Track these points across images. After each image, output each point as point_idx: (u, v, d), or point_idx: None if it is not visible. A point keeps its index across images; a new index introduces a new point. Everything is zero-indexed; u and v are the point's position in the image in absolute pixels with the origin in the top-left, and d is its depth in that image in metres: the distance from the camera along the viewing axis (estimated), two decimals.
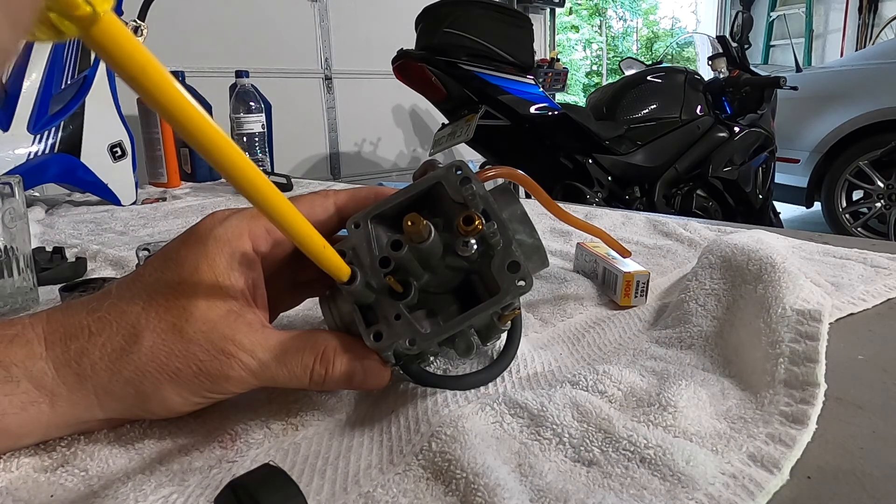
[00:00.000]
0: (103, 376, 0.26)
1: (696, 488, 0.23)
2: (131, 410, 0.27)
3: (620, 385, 0.30)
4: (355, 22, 2.93)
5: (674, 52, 5.29)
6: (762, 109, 2.53)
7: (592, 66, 9.06)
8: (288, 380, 0.28)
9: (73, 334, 0.26)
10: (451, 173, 0.29)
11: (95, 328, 0.26)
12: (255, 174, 0.20)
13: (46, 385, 0.25)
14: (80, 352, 0.26)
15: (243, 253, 0.28)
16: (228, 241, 0.28)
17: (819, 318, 0.31)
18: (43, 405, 0.25)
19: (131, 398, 0.26)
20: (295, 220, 0.23)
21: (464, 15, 1.99)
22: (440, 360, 0.34)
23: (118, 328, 0.26)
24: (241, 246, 0.28)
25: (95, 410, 0.26)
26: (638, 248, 0.61)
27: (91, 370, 0.26)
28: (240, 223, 0.28)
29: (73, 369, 0.26)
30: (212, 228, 0.28)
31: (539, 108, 2.10)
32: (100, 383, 0.26)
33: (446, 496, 0.23)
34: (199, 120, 0.17)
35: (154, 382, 0.26)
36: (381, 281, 0.28)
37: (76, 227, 0.79)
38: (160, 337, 0.26)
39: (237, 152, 0.19)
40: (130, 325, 0.26)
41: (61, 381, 0.26)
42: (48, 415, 0.26)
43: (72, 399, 0.26)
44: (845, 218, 3.32)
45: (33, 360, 0.25)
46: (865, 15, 6.01)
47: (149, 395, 0.26)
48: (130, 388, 0.26)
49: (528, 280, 0.28)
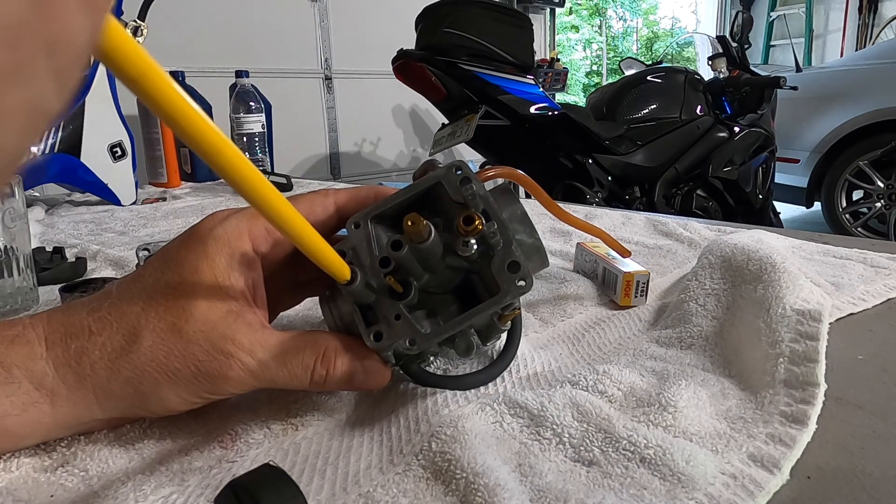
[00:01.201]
0: (103, 376, 0.26)
1: (696, 488, 0.23)
2: (130, 410, 0.27)
3: (620, 385, 0.30)
4: (355, 22, 2.93)
5: (674, 52, 5.29)
6: (762, 109, 2.53)
7: (592, 66, 9.06)
8: (288, 380, 0.28)
9: (74, 334, 0.26)
10: (451, 173, 0.29)
11: (96, 328, 0.26)
12: (253, 174, 0.20)
13: (47, 385, 0.25)
14: (81, 351, 0.26)
15: (243, 253, 0.28)
16: (228, 241, 0.28)
17: (819, 318, 0.31)
18: (44, 406, 0.25)
19: (130, 398, 0.26)
20: (295, 220, 0.23)
21: (464, 15, 1.99)
22: (440, 360, 0.34)
23: (118, 328, 0.26)
24: (241, 246, 0.28)
25: (95, 410, 0.26)
26: (638, 248, 0.61)
27: (91, 370, 0.26)
28: (239, 223, 0.28)
29: (74, 369, 0.26)
30: (211, 229, 0.28)
31: (539, 108, 2.10)
32: (99, 383, 0.26)
33: (446, 496, 0.23)
34: (195, 118, 0.17)
35: (153, 382, 0.26)
36: (381, 281, 0.28)
37: (76, 227, 0.79)
38: (160, 337, 0.26)
39: (235, 151, 0.19)
40: (130, 325, 0.26)
41: (61, 381, 0.26)
42: (49, 415, 0.26)
43: (72, 399, 0.26)
44: (845, 218, 3.32)
45: (34, 360, 0.25)
46: (865, 15, 6.01)
47: (147, 395, 0.26)
48: (129, 388, 0.26)
49: (528, 280, 0.28)
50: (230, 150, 0.18)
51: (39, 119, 0.11)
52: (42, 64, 0.11)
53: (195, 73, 1.99)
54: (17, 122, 0.11)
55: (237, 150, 0.19)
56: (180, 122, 0.17)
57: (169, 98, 0.16)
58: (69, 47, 0.11)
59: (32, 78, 0.11)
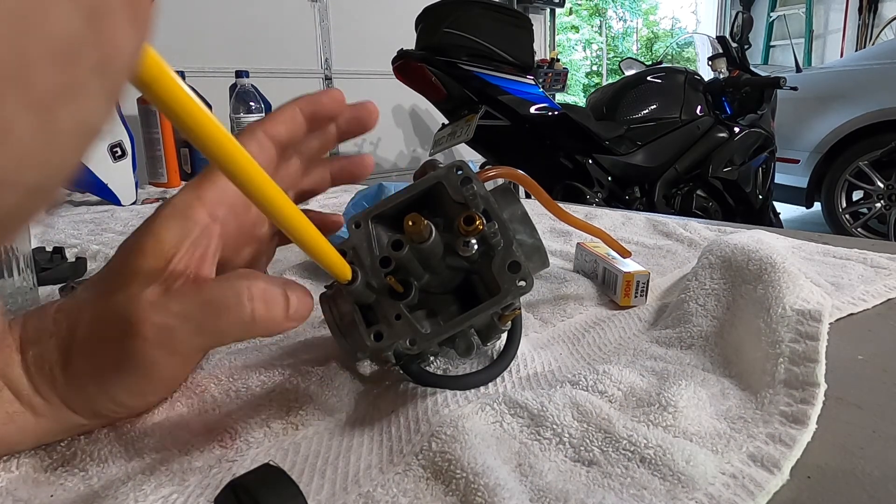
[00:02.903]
0: (60, 380, 0.25)
1: (696, 488, 0.23)
2: (111, 409, 0.26)
3: (620, 385, 0.30)
4: (355, 22, 2.93)
5: (674, 52, 5.28)
6: (762, 110, 2.53)
7: (592, 67, 9.06)
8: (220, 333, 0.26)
9: (35, 339, 0.25)
10: (452, 173, 0.29)
11: (54, 329, 0.25)
12: (257, 173, 0.20)
13: (24, 393, 0.25)
14: (40, 356, 0.25)
15: (194, 222, 0.27)
16: (175, 214, 0.27)
17: (819, 318, 0.31)
18: (27, 415, 0.25)
19: (94, 398, 0.25)
20: (298, 221, 0.23)
21: (464, 15, 1.99)
22: (440, 360, 0.34)
23: (67, 327, 0.25)
24: (192, 216, 0.27)
25: (73, 416, 0.26)
26: (638, 248, 0.61)
27: (51, 373, 0.25)
28: (187, 195, 0.27)
29: (43, 375, 0.25)
30: (163, 207, 0.27)
31: (539, 109, 2.10)
32: (58, 389, 0.25)
33: (446, 496, 0.23)
34: (199, 114, 0.17)
35: (96, 383, 0.25)
36: (381, 281, 0.28)
37: (76, 227, 0.79)
38: (89, 330, 0.25)
39: (238, 147, 0.19)
40: (73, 322, 0.25)
41: (35, 389, 0.25)
42: (33, 424, 0.25)
43: (50, 407, 0.25)
44: (845, 218, 3.32)
45: (11, 367, 0.25)
46: (865, 15, 6.01)
47: (96, 398, 0.25)
48: (81, 394, 0.25)
49: (528, 280, 0.28)
50: (232, 145, 0.18)
51: (89, 136, 0.11)
52: (93, 82, 0.11)
53: (195, 73, 1.99)
54: (68, 142, 0.11)
55: (240, 146, 0.19)
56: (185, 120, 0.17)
57: (173, 93, 0.16)
58: (119, 63, 0.11)
59: (84, 96, 0.10)
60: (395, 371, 0.33)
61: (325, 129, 0.32)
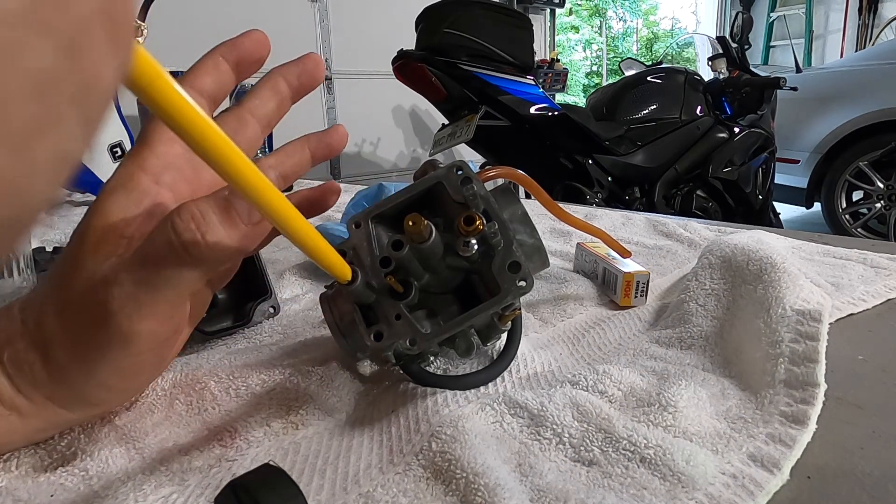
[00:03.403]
0: (42, 377, 0.24)
1: (696, 488, 0.23)
2: (99, 401, 0.26)
3: (620, 385, 0.30)
4: (355, 22, 2.93)
5: (674, 52, 5.29)
6: (762, 110, 2.53)
7: (592, 67, 9.07)
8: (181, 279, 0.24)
9: (7, 340, 0.24)
10: (452, 173, 0.29)
11: (22, 329, 0.25)
12: (254, 175, 0.20)
13: (6, 395, 0.24)
14: (16, 358, 0.24)
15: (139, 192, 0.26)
16: (117, 188, 0.26)
17: (819, 318, 0.31)
18: (13, 417, 0.24)
19: (74, 393, 0.25)
20: (296, 221, 0.23)
21: (464, 15, 2.00)
22: (440, 360, 0.34)
23: (35, 323, 0.25)
24: (134, 187, 0.26)
25: (62, 413, 0.25)
26: (638, 248, 0.61)
27: (31, 372, 0.24)
28: (127, 167, 0.26)
29: (26, 376, 0.24)
30: (105, 185, 0.26)
31: (539, 109, 2.10)
32: (41, 388, 0.24)
33: (446, 496, 0.23)
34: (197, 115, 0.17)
35: (81, 371, 0.24)
36: (381, 281, 0.28)
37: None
38: (59, 320, 0.24)
39: (236, 152, 0.19)
40: (39, 317, 0.25)
41: (17, 391, 0.24)
42: (21, 424, 0.25)
43: (34, 407, 0.25)
44: (845, 218, 3.32)
45: None
46: (865, 15, 6.01)
47: (83, 386, 0.25)
48: (67, 386, 0.25)
49: (528, 280, 0.28)
50: (230, 149, 0.18)
51: (67, 166, 0.11)
52: (72, 112, 0.10)
53: None
54: (45, 173, 0.10)
55: (238, 150, 0.19)
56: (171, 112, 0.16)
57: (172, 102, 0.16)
58: (98, 92, 0.11)
59: (61, 127, 0.10)
60: (395, 371, 0.33)
61: (277, 88, 0.31)
